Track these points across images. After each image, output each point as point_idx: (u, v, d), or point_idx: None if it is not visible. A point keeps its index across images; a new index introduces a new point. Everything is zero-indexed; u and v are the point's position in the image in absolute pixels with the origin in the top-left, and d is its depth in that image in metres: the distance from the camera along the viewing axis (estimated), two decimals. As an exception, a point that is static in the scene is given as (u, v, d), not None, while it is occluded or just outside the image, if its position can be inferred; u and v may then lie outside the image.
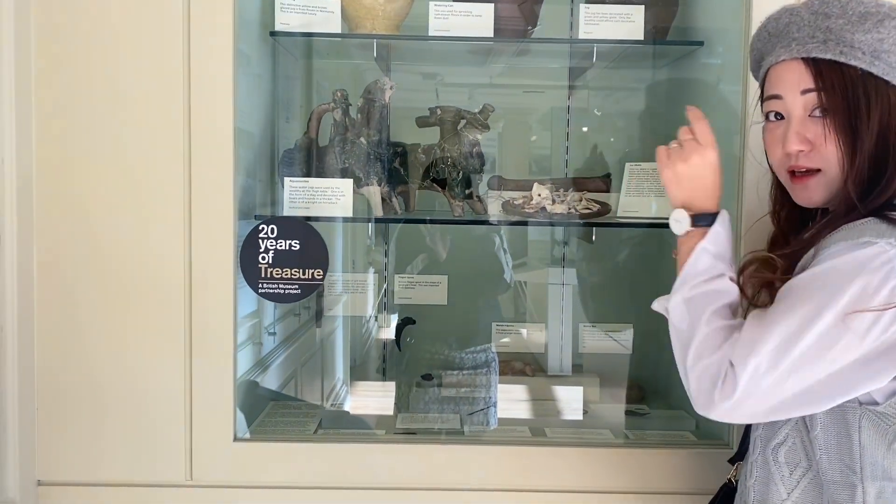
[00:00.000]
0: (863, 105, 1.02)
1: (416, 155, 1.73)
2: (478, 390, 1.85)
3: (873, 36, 1.00)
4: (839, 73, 1.02)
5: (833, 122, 1.03)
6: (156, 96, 1.41)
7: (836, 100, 1.03)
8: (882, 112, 1.01)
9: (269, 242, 1.47)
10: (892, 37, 1.00)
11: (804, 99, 1.05)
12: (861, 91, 1.01)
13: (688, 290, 1.06)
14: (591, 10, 1.63)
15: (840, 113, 1.02)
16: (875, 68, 1.01)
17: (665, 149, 1.15)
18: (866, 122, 1.01)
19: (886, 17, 1.01)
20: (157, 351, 1.44)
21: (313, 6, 1.61)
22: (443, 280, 1.97)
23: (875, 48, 1.00)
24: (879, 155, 1.02)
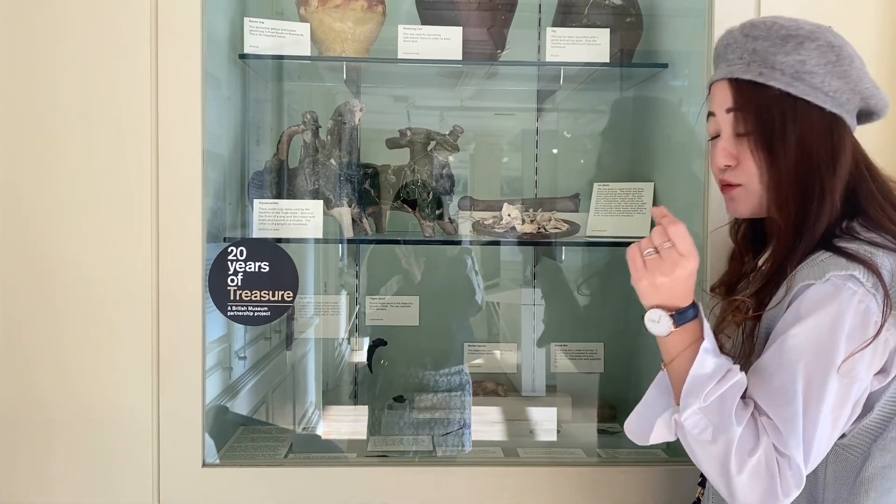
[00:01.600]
0: (778, 124, 1.05)
1: (386, 176, 1.73)
2: (450, 412, 1.84)
3: (794, 57, 1.04)
4: (756, 93, 1.06)
5: (750, 141, 1.07)
6: (123, 119, 1.40)
7: (750, 119, 1.07)
8: (803, 132, 1.04)
9: (238, 264, 1.46)
10: (812, 58, 1.03)
11: (729, 117, 1.09)
12: (777, 111, 1.05)
13: (703, 399, 0.99)
14: (558, 34, 1.66)
15: (756, 132, 1.06)
16: (794, 89, 1.03)
17: (640, 255, 1.07)
18: (781, 141, 1.05)
19: (807, 39, 1.04)
20: (124, 375, 1.42)
21: (283, 29, 1.62)
22: (414, 301, 1.97)
23: (796, 69, 1.04)
24: (802, 175, 1.04)
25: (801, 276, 1.01)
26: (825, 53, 1.03)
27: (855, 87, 1.04)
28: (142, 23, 1.39)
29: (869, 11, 1.49)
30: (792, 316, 1.00)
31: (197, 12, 1.40)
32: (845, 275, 0.97)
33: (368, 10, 1.65)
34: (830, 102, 1.04)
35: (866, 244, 1.01)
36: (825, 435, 0.96)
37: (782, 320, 1.01)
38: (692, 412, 0.99)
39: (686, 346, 1.03)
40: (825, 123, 1.04)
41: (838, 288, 0.97)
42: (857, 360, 0.96)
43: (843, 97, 1.04)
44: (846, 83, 1.04)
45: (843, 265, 0.98)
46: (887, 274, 0.98)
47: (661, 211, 1.08)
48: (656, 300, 1.05)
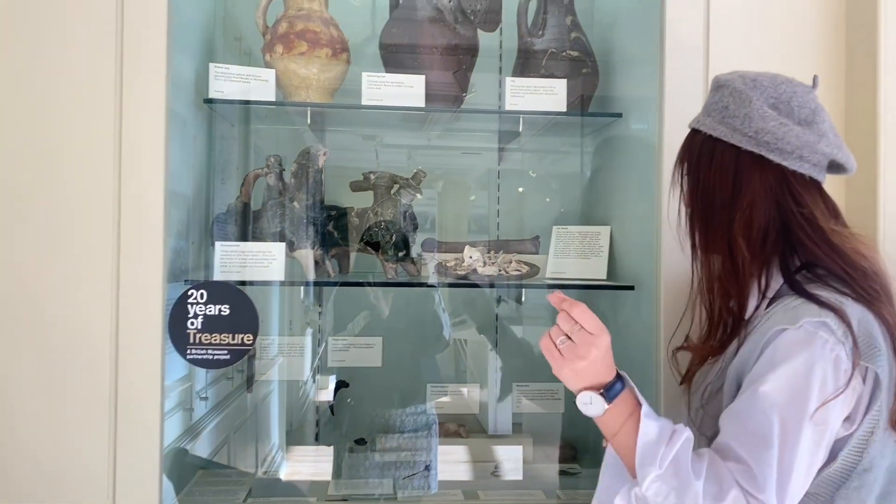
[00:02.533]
0: (695, 165, 1.15)
1: (349, 218, 1.75)
2: (413, 454, 1.84)
3: (719, 105, 1.12)
4: (692, 140, 1.17)
5: (685, 185, 1.18)
6: (86, 158, 1.40)
7: (684, 165, 1.18)
8: (714, 169, 1.11)
9: (198, 307, 1.46)
10: (731, 104, 1.10)
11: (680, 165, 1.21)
12: (697, 154, 1.15)
13: (658, 465, 0.98)
14: (517, 83, 1.71)
15: (687, 176, 1.17)
16: (716, 132, 1.11)
17: (554, 345, 1.06)
18: (696, 180, 1.14)
19: (723, 86, 1.13)
20: (80, 419, 1.39)
21: (248, 75, 1.65)
22: (377, 342, 1.98)
23: (722, 115, 1.11)
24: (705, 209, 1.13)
25: (774, 320, 1.03)
26: (735, 98, 1.10)
27: (769, 128, 1.06)
28: (107, 64, 1.40)
29: (807, 44, 1.57)
30: (766, 362, 1.01)
31: (162, 54, 1.41)
32: (818, 322, 0.99)
33: (333, 58, 1.69)
34: (749, 142, 1.08)
35: (836, 293, 1.03)
36: (800, 481, 0.98)
37: (757, 365, 1.03)
38: (651, 481, 0.98)
39: (626, 418, 1.03)
40: (735, 161, 1.09)
41: (811, 336, 0.98)
42: (829, 408, 0.97)
43: (768, 137, 1.07)
44: (763, 124, 1.07)
45: (816, 312, 1.00)
46: (856, 323, 1.00)
47: (559, 296, 1.07)
48: (582, 383, 1.05)
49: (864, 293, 1.04)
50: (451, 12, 1.75)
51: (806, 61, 1.56)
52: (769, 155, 1.06)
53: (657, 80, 1.55)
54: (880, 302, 1.04)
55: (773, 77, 1.12)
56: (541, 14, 1.83)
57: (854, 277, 1.05)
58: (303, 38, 1.66)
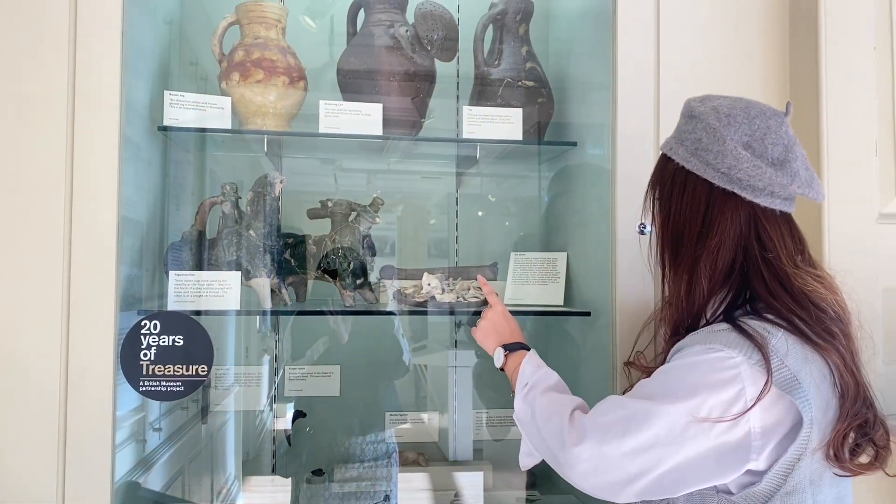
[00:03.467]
0: (666, 194, 1.16)
1: (307, 246, 1.74)
2: (372, 483, 1.82)
3: (693, 135, 1.12)
4: (663, 166, 1.18)
5: (655, 211, 1.20)
6: (36, 184, 1.37)
7: (655, 191, 1.20)
8: (686, 201, 1.12)
9: (151, 338, 1.43)
10: (704, 137, 1.09)
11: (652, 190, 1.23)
12: (669, 183, 1.16)
13: (522, 391, 1.25)
14: (474, 112, 1.73)
15: (657, 202, 1.19)
16: (689, 164, 1.11)
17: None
18: (667, 208, 1.16)
19: (696, 118, 1.12)
20: (28, 452, 1.35)
21: (203, 102, 1.64)
22: (335, 370, 1.96)
23: (696, 147, 1.11)
24: (673, 241, 1.15)
25: (690, 339, 1.08)
26: (707, 134, 1.09)
27: (741, 167, 1.06)
28: (58, 89, 1.38)
29: (755, 65, 1.62)
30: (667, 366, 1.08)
31: (116, 79, 1.40)
32: (727, 351, 1.01)
33: (290, 86, 1.69)
34: (721, 178, 1.07)
35: (768, 323, 1.04)
36: (643, 445, 1.01)
37: None
38: (518, 405, 1.24)
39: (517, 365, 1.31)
40: (707, 196, 1.10)
41: (715, 351, 1.01)
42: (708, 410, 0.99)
43: (741, 175, 1.06)
44: (735, 162, 1.06)
45: (733, 341, 1.01)
46: (778, 357, 1.00)
47: (482, 281, 1.57)
48: (493, 344, 1.41)
49: (816, 335, 1.04)
50: (407, 41, 1.76)
51: (755, 80, 1.61)
52: (742, 192, 1.07)
53: (610, 106, 1.59)
54: (832, 344, 1.04)
55: (746, 109, 1.10)
56: (497, 44, 1.86)
57: (805, 320, 1.05)
58: (259, 66, 1.66)
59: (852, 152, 1.53)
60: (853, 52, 1.54)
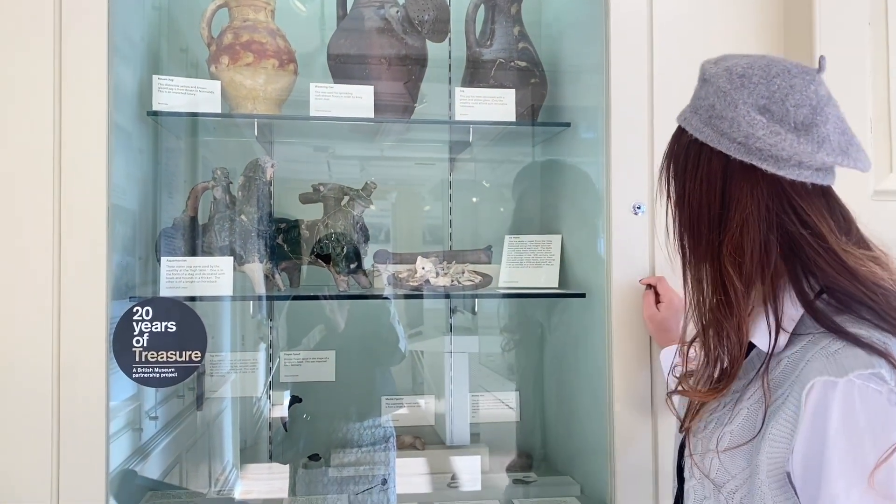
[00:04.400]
0: (681, 170, 1.01)
1: (300, 231, 1.73)
2: (369, 468, 1.82)
3: (706, 103, 0.97)
4: (678, 138, 1.03)
5: (671, 190, 1.04)
6: (24, 172, 1.35)
7: (669, 166, 1.04)
8: (701, 178, 0.97)
9: (143, 325, 1.42)
10: (718, 103, 0.95)
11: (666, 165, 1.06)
12: (683, 158, 1.01)
13: None
14: (466, 94, 1.71)
15: (673, 180, 1.03)
16: (702, 134, 0.97)
17: None
18: (682, 187, 1.01)
19: (709, 84, 0.98)
20: (21, 442, 1.34)
21: (193, 87, 1.62)
22: (330, 356, 1.96)
23: (709, 115, 0.96)
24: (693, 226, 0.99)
25: (814, 367, 0.87)
26: (720, 98, 0.95)
27: (758, 134, 0.92)
28: (45, 75, 1.36)
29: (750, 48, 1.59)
30: (815, 437, 0.86)
31: (102, 65, 1.38)
32: (869, 374, 0.83)
33: (280, 69, 1.67)
34: (738, 150, 0.93)
35: (874, 328, 0.88)
36: None
37: (803, 440, 0.87)
38: None
39: None
40: (724, 171, 0.95)
41: (863, 392, 0.83)
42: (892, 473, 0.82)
43: (760, 144, 0.92)
44: (751, 130, 0.92)
45: (865, 361, 0.84)
46: None
47: None
48: None
49: (893, 322, 0.89)
50: (398, 23, 1.75)
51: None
52: (762, 164, 0.92)
53: (604, 88, 1.57)
54: None
55: (766, 67, 0.95)
56: (489, 24, 1.84)
57: (878, 303, 0.90)
58: (248, 49, 1.64)
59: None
60: (847, 27, 1.53)
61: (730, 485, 0.96)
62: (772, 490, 0.90)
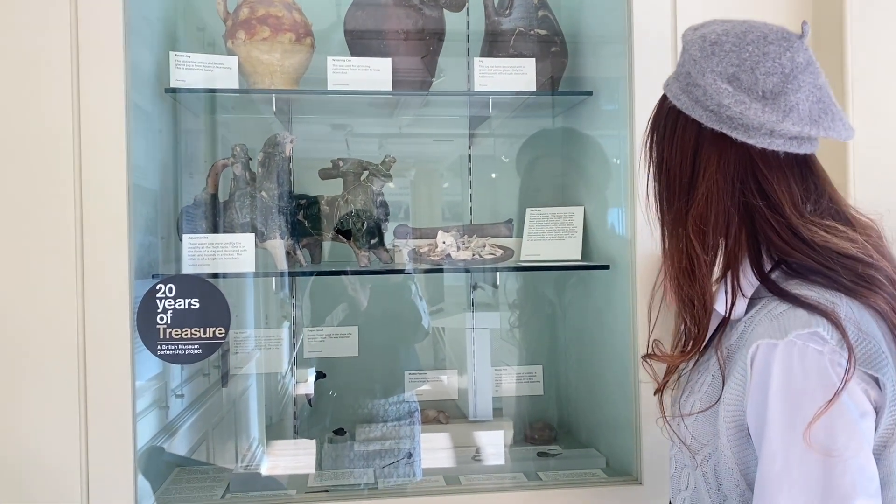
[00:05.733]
0: (658, 138, 1.02)
1: (320, 207, 1.72)
2: (395, 442, 1.82)
3: (683, 70, 0.98)
4: (660, 106, 1.04)
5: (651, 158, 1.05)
6: (44, 153, 1.36)
7: (654, 132, 1.04)
8: (675, 146, 0.98)
9: (167, 302, 1.43)
10: (693, 71, 0.95)
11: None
12: (661, 125, 1.02)
13: None
14: (485, 64, 1.69)
15: (656, 144, 1.03)
16: (678, 102, 0.97)
17: None
18: (660, 155, 1.01)
19: (686, 49, 0.98)
20: (50, 420, 1.36)
21: (210, 63, 1.61)
22: (353, 331, 1.96)
23: (687, 82, 0.96)
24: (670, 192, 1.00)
25: (758, 331, 0.89)
26: (692, 66, 0.95)
27: (723, 102, 0.92)
28: (62, 55, 1.36)
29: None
30: (760, 397, 0.87)
31: (119, 44, 1.37)
32: (808, 333, 0.84)
33: (296, 43, 1.66)
34: (709, 118, 0.94)
35: (822, 288, 0.89)
36: None
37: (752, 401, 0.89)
38: None
39: None
40: (693, 139, 0.96)
41: (802, 352, 0.84)
42: (835, 432, 0.82)
43: (731, 112, 0.92)
44: (731, 102, 0.91)
45: (805, 321, 0.85)
46: (853, 327, 0.85)
47: None
48: None
49: (853, 283, 0.90)
50: (415, -7, 1.72)
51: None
52: (732, 133, 0.92)
53: (626, 59, 1.54)
54: (875, 290, 0.89)
55: (743, 34, 0.94)
56: (507, -7, 1.81)
57: (831, 268, 0.91)
58: (265, 23, 1.63)
59: (880, 85, 1.46)
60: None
61: (702, 452, 0.98)
62: (732, 449, 0.93)
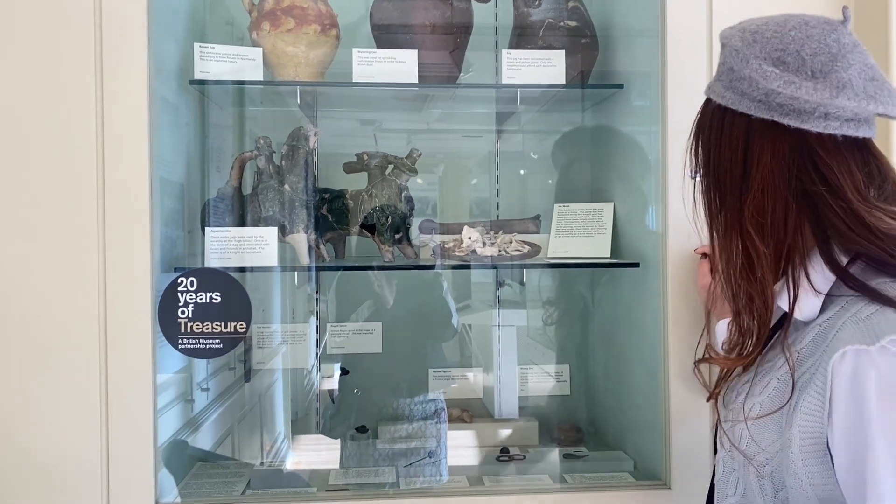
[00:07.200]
0: (704, 140, 0.99)
1: (344, 201, 1.70)
2: (420, 440, 1.80)
3: (724, 67, 0.96)
4: (704, 109, 1.01)
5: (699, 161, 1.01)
6: (67, 146, 1.35)
7: (699, 136, 1.01)
8: (725, 143, 0.95)
9: (188, 296, 1.42)
10: (735, 64, 0.92)
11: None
12: (707, 126, 0.99)
13: None
14: (513, 56, 1.65)
15: (703, 148, 1.00)
16: (724, 99, 0.95)
17: None
18: (707, 156, 0.98)
19: (724, 45, 0.97)
20: (71, 414, 1.35)
21: (234, 54, 1.60)
22: (377, 327, 1.94)
23: (730, 78, 0.94)
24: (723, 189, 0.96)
25: (844, 336, 0.83)
26: (735, 59, 0.93)
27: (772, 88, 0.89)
28: (86, 48, 1.35)
29: None
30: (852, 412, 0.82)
31: (143, 36, 1.36)
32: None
33: (322, 34, 1.64)
34: (758, 108, 0.91)
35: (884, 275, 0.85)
36: None
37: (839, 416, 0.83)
38: None
39: None
40: (743, 133, 0.93)
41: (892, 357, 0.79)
42: None
43: (781, 99, 0.90)
44: (770, 83, 0.89)
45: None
46: None
47: None
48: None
49: None
50: (443, -16, 1.69)
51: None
52: (784, 120, 0.89)
53: (659, 52, 1.49)
54: None
55: (783, 22, 0.92)
56: (537, -16, 1.77)
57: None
58: (290, 14, 1.61)
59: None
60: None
61: (759, 457, 0.93)
62: (806, 464, 0.87)
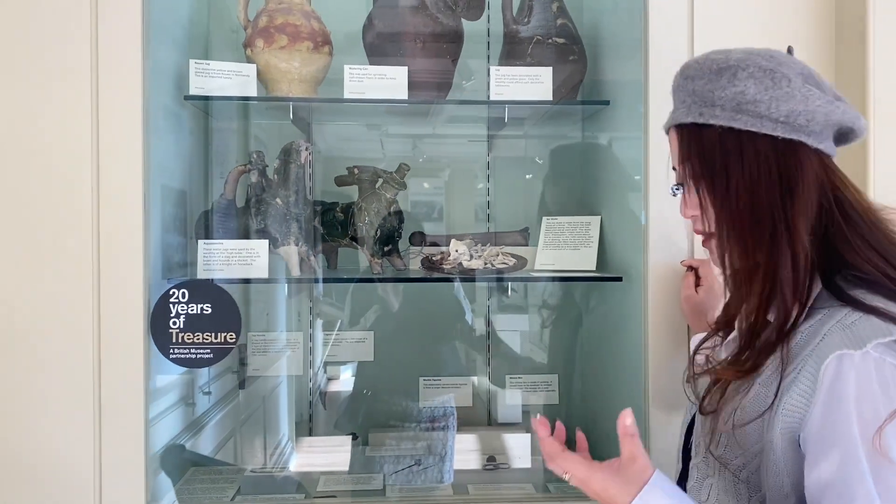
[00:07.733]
0: (719, 164, 0.97)
1: (335, 214, 1.74)
2: (406, 448, 1.83)
3: (731, 90, 0.96)
4: (700, 135, 0.99)
5: (703, 186, 0.99)
6: (62, 155, 1.39)
7: (697, 163, 1.00)
8: (748, 165, 0.95)
9: (180, 307, 1.46)
10: (750, 87, 0.95)
11: (682, 167, 1.03)
12: (719, 150, 0.97)
13: None
14: (502, 72, 1.67)
15: (705, 177, 0.99)
16: (736, 122, 0.95)
17: None
18: (724, 178, 0.97)
19: (738, 69, 0.96)
20: (64, 421, 1.39)
21: (229, 70, 1.63)
22: (368, 336, 1.97)
23: (738, 101, 0.95)
24: (755, 212, 0.95)
25: (830, 342, 0.88)
26: (760, 80, 0.94)
27: (808, 108, 0.93)
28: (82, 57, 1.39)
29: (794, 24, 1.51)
30: (830, 409, 0.86)
31: (138, 50, 1.40)
32: (889, 342, 0.84)
33: (314, 51, 1.67)
34: (783, 129, 0.94)
35: (888, 300, 0.89)
36: None
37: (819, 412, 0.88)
38: None
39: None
40: (775, 152, 0.94)
41: (880, 364, 0.84)
42: None
43: (801, 120, 0.93)
44: (801, 104, 0.93)
45: (882, 329, 0.85)
46: None
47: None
48: None
49: None
50: (433, 2, 1.72)
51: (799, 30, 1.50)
52: (807, 139, 0.94)
53: (642, 64, 1.51)
54: None
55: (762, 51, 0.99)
56: (527, 1, 1.79)
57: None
58: (283, 31, 1.65)
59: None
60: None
61: (737, 461, 0.97)
62: (787, 463, 0.92)
